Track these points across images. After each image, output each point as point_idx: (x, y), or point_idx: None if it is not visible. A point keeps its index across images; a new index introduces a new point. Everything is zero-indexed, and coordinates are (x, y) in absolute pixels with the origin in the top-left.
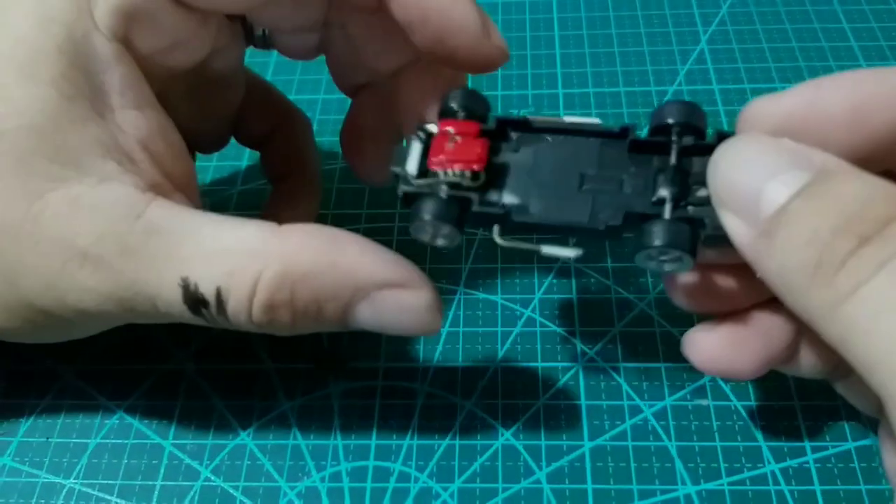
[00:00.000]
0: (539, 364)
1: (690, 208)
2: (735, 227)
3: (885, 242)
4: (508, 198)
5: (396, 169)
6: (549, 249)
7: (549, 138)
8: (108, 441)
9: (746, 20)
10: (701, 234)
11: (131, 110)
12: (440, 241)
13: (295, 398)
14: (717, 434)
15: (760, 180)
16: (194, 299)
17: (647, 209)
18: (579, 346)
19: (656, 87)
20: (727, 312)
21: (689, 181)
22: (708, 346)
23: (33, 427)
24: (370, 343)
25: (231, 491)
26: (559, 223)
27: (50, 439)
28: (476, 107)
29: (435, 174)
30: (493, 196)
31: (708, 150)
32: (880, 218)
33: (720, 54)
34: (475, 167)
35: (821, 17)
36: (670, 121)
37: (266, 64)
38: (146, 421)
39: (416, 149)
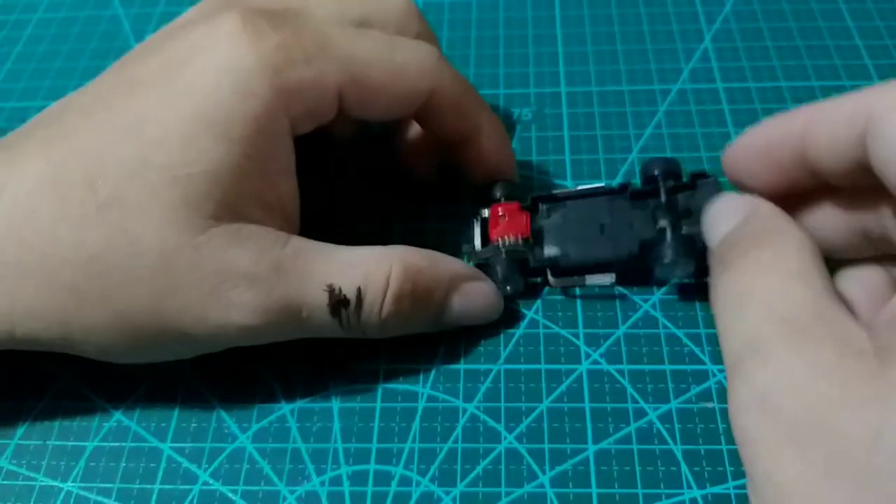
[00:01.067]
0: (542, 366)
1: (684, 229)
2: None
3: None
4: (551, 251)
5: (467, 249)
6: (591, 279)
7: (569, 203)
8: (105, 444)
9: (751, 18)
10: (696, 245)
11: (281, 176)
12: (508, 290)
13: (294, 400)
14: (722, 437)
15: (719, 222)
16: (337, 301)
17: (654, 237)
18: (583, 348)
19: (660, 86)
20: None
21: (678, 211)
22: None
23: (30, 429)
24: (370, 344)
25: (230, 495)
26: (594, 261)
27: (47, 442)
28: (515, 191)
29: (496, 244)
30: (539, 252)
31: (687, 187)
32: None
33: (724, 53)
34: (524, 234)
35: (825, 15)
36: (655, 173)
37: None
38: (144, 424)
39: (476, 230)
